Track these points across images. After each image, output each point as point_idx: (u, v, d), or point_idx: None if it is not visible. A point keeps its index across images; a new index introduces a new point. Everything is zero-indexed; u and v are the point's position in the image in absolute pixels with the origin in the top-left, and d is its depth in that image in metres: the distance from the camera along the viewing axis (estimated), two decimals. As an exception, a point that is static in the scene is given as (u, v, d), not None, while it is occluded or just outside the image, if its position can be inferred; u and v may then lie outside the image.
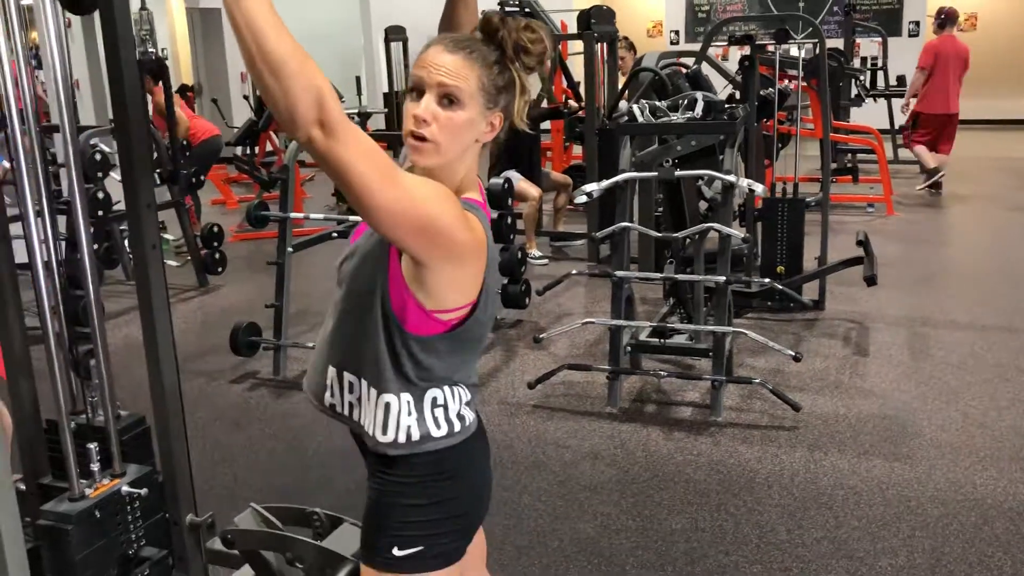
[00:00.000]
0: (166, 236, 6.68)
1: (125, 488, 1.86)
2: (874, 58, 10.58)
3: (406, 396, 1.46)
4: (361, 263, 1.47)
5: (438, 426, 1.48)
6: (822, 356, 4.47)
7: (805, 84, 7.13)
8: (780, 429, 3.68)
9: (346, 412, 1.53)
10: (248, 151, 9.54)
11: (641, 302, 5.36)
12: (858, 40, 10.31)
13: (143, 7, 3.00)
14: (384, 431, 1.47)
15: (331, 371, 1.53)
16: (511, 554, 2.84)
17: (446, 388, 1.49)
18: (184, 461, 2.21)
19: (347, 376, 1.51)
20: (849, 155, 9.15)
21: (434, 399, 1.48)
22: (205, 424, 3.96)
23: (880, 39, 10.56)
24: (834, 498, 3.13)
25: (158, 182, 5.56)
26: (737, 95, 5.37)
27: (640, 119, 3.96)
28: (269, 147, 10.02)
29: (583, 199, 3.92)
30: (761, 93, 5.25)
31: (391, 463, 1.49)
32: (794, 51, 6.73)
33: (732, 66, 7.47)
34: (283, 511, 1.90)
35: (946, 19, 8.58)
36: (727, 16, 12.94)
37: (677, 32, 13.71)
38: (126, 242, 6.15)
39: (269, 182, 8.30)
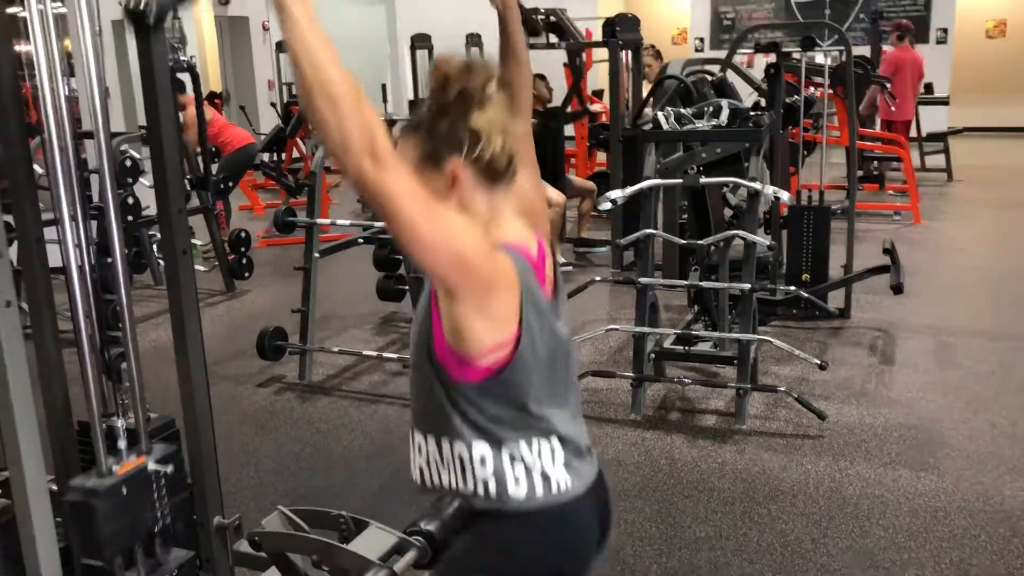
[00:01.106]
0: (195, 241, 6.74)
1: (152, 466, 1.89)
2: (901, 65, 10.48)
3: (479, 447, 1.42)
4: (416, 321, 1.49)
5: (517, 484, 1.42)
6: (848, 365, 4.44)
7: (831, 92, 7.09)
8: (805, 438, 3.66)
9: (417, 479, 1.52)
10: (275, 157, 9.63)
11: (665, 309, 5.35)
12: (885, 48, 10.24)
13: (175, 15, 3.04)
14: (464, 481, 1.44)
15: (410, 432, 1.53)
16: (534, 560, 2.84)
17: (523, 443, 1.43)
18: (212, 463, 2.24)
19: (417, 437, 1.50)
20: (876, 163, 9.09)
21: (511, 454, 1.42)
22: (232, 427, 3.99)
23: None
24: (859, 507, 3.11)
25: (187, 188, 5.62)
26: (763, 102, 5.36)
27: (665, 126, 3.97)
28: (296, 153, 10.10)
29: (607, 206, 3.93)
30: (787, 101, 5.23)
31: (476, 516, 1.47)
32: (820, 58, 6.70)
33: (758, 73, 7.45)
34: (310, 514, 1.92)
35: (905, 31, 9.32)
36: (752, 24, 12.89)
37: (702, 39, 13.67)
38: (155, 247, 6.24)
39: (296, 188, 8.38)
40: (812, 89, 7.06)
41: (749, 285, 3.76)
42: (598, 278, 4.50)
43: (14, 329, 1.67)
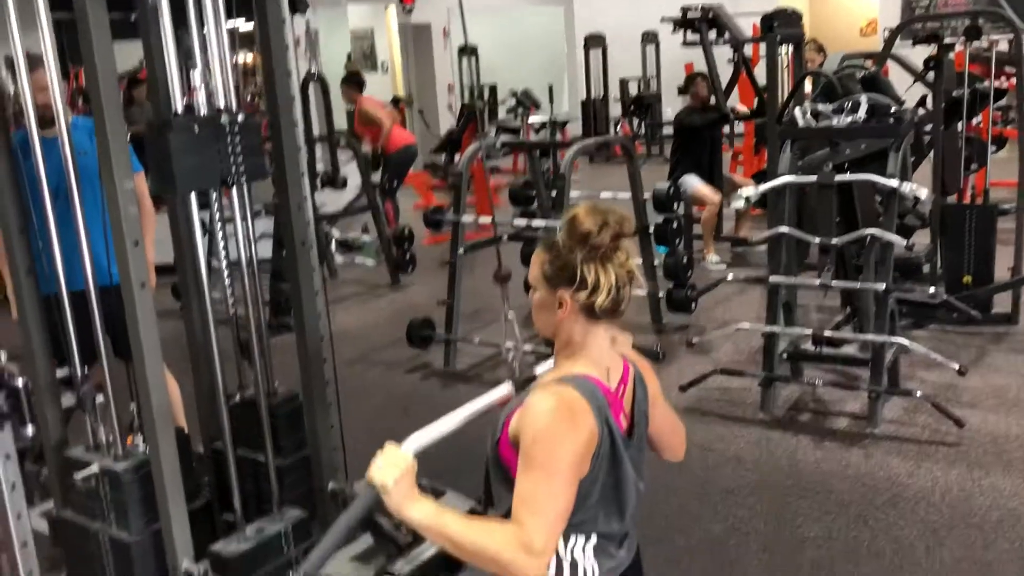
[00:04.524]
0: (366, 238, 7.20)
1: None
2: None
3: None
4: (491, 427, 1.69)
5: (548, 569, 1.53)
6: (1005, 372, 4.19)
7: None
8: (940, 445, 3.51)
9: None
10: (450, 159, 10.08)
11: (818, 310, 5.23)
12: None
13: (307, 30, 3.29)
14: None
15: None
16: (637, 547, 2.93)
17: (559, 539, 1.51)
18: (327, 435, 2.49)
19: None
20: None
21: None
22: (380, 408, 4.30)
23: None
24: (987, 519, 2.98)
25: (318, 187, 6.06)
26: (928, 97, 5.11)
27: (801, 122, 3.91)
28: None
29: (740, 204, 3.92)
30: (953, 94, 4.96)
31: None
32: (1003, 46, 6.26)
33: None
34: (397, 481, 2.10)
35: None
36: (947, 10, 12.13)
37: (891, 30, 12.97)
38: (333, 244, 6.73)
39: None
40: (1003, 79, 6.62)
41: (884, 285, 3.65)
42: (729, 277, 4.47)
43: (148, 308, 1.96)
